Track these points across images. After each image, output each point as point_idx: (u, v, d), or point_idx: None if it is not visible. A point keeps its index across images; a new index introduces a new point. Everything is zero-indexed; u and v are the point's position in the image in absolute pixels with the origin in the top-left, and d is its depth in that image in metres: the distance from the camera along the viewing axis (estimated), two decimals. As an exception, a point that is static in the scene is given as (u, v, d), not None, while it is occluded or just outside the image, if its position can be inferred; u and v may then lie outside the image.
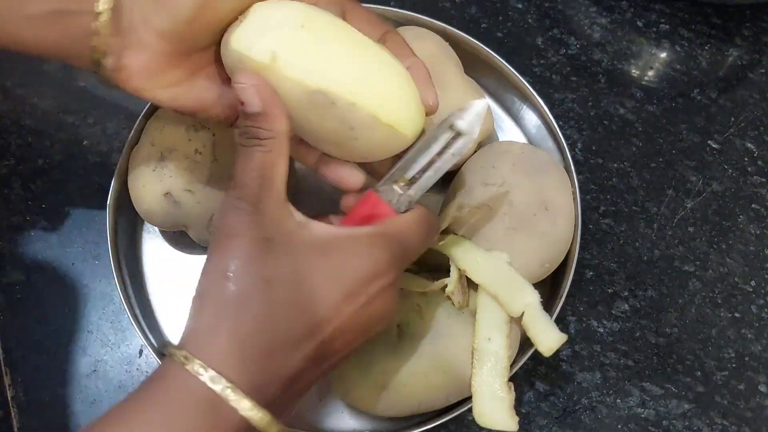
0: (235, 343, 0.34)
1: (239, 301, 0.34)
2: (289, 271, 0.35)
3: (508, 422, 0.45)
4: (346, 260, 0.36)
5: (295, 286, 0.35)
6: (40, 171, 0.57)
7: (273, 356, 0.34)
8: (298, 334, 0.35)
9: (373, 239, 0.38)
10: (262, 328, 0.34)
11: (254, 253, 0.35)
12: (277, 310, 0.34)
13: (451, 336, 0.46)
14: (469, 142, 0.41)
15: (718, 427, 0.52)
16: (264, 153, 0.36)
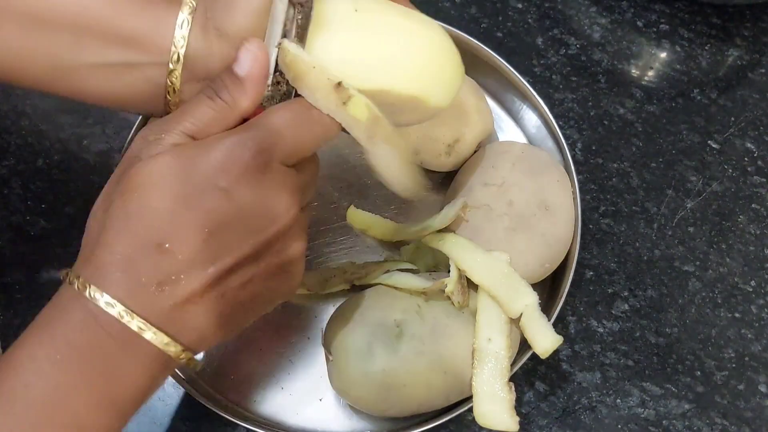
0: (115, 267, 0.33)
1: (103, 219, 0.34)
2: (138, 180, 0.34)
3: (509, 422, 0.45)
4: (202, 153, 0.34)
5: (153, 192, 0.34)
6: (40, 171, 0.57)
7: (136, 260, 0.33)
8: (154, 238, 0.33)
9: (232, 130, 0.36)
10: (120, 239, 0.33)
11: (117, 173, 0.36)
12: (132, 219, 0.34)
13: (451, 336, 0.46)
14: (309, 12, 0.37)
15: (718, 427, 0.52)
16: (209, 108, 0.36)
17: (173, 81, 0.37)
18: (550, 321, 0.49)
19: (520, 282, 0.48)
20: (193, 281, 0.34)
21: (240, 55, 0.36)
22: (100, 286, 0.33)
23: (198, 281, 0.34)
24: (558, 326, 0.53)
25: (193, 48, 0.37)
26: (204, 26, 0.37)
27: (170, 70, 0.37)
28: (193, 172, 0.34)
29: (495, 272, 0.48)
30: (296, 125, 0.37)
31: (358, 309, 0.47)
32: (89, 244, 0.35)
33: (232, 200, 0.34)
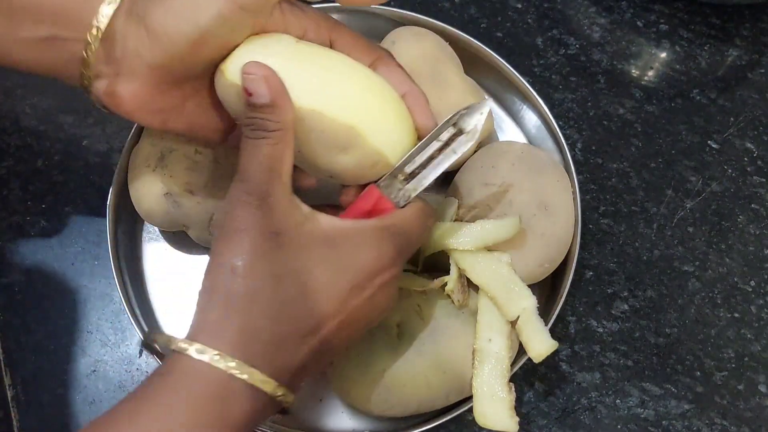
0: (245, 335, 0.34)
1: (249, 296, 0.34)
2: (298, 265, 0.35)
3: (508, 423, 0.45)
4: (354, 253, 0.37)
5: (304, 280, 0.35)
6: (39, 171, 0.57)
7: (282, 349, 0.35)
8: (306, 327, 0.35)
9: (378, 232, 0.38)
10: (271, 322, 0.34)
11: (263, 248, 0.35)
12: (287, 305, 0.35)
13: (451, 336, 0.47)
14: (471, 140, 0.42)
15: (718, 427, 0.52)
16: (272, 145, 0.36)
17: (89, 54, 0.38)
18: (549, 321, 0.49)
19: (519, 284, 0.48)
20: (322, 363, 0.38)
21: (250, 87, 0.36)
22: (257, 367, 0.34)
23: (324, 362, 0.39)
24: (558, 326, 0.54)
25: (114, 27, 0.38)
26: (129, 9, 0.38)
27: (87, 43, 0.38)
28: (355, 272, 0.37)
29: (495, 273, 0.48)
30: (424, 231, 0.42)
31: (358, 309, 0.47)
32: (218, 315, 0.35)
33: (374, 300, 0.38)
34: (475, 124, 0.41)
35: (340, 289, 0.36)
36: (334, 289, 0.36)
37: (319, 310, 0.36)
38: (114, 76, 0.39)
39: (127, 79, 0.39)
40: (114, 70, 0.39)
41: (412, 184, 0.42)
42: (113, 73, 0.39)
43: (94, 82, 0.39)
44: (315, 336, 0.36)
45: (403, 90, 0.42)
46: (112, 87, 0.39)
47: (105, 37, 0.38)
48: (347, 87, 0.39)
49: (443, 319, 0.47)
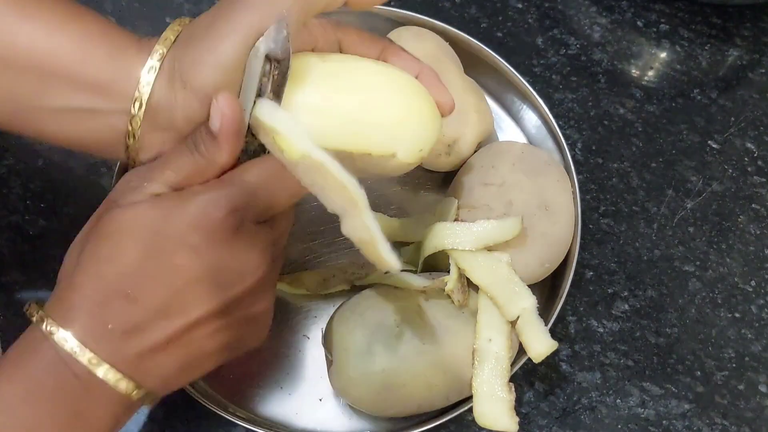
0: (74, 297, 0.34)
1: (77, 261, 0.35)
2: (113, 227, 0.35)
3: (508, 423, 0.45)
4: (168, 210, 0.35)
5: (117, 238, 0.35)
6: (39, 171, 0.57)
7: (105, 306, 0.34)
8: (124, 286, 0.34)
9: (200, 188, 0.36)
10: (91, 283, 0.34)
11: (96, 215, 0.36)
12: (103, 264, 0.34)
13: (451, 336, 0.46)
14: (286, 68, 0.37)
15: (718, 427, 0.52)
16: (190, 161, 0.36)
17: (134, 126, 0.37)
18: (549, 321, 0.49)
19: (519, 284, 0.48)
20: (157, 332, 0.34)
21: (211, 112, 0.35)
22: (68, 329, 0.34)
23: (163, 332, 0.34)
24: (558, 326, 0.54)
25: (157, 96, 0.36)
26: (171, 76, 0.36)
27: (132, 116, 0.36)
28: (167, 226, 0.34)
29: (495, 273, 0.48)
30: (270, 183, 0.37)
31: (358, 309, 0.47)
32: (62, 281, 0.36)
33: (202, 258, 0.35)
34: (282, 46, 0.36)
35: (160, 249, 0.34)
36: (154, 250, 0.34)
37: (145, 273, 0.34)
38: (163, 143, 0.38)
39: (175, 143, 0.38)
40: (161, 138, 0.37)
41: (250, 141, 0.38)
42: (162, 141, 0.37)
43: (140, 154, 0.38)
44: (135, 300, 0.34)
45: (415, 71, 0.42)
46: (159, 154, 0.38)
47: (148, 107, 0.36)
48: (378, 117, 0.39)
49: (443, 319, 0.47)
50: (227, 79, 0.36)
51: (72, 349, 0.33)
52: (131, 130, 0.37)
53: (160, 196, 0.36)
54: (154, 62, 0.36)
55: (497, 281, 0.48)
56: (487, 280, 0.48)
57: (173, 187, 0.36)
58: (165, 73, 0.36)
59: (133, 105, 0.36)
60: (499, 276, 0.48)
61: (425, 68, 0.42)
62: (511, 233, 0.48)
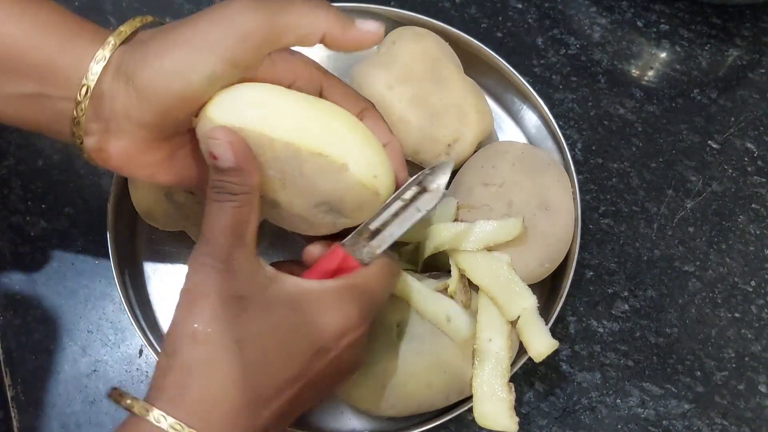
0: (205, 403, 0.33)
1: (209, 362, 0.34)
2: (261, 329, 0.35)
3: (508, 423, 0.45)
4: (317, 315, 0.36)
5: (265, 344, 0.35)
6: (40, 171, 0.57)
7: (242, 416, 0.34)
8: (268, 393, 0.35)
9: (342, 293, 0.38)
10: (232, 390, 0.34)
11: (224, 313, 0.35)
12: (248, 371, 0.34)
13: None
14: (435, 199, 0.41)
15: (718, 427, 0.52)
16: (236, 208, 0.36)
17: (79, 113, 0.37)
18: (549, 321, 0.49)
19: (519, 284, 0.48)
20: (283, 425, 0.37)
21: (216, 152, 0.36)
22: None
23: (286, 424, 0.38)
24: (558, 326, 0.54)
25: (102, 86, 0.37)
26: (117, 69, 0.37)
27: (77, 102, 0.37)
28: (311, 332, 0.36)
29: (495, 273, 0.48)
30: (392, 289, 0.42)
31: (358, 309, 0.47)
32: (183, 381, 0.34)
33: (339, 361, 0.38)
34: (439, 184, 0.41)
35: (303, 353, 0.36)
36: (296, 352, 0.36)
37: (281, 375, 0.35)
38: (103, 133, 0.38)
39: (116, 136, 0.38)
40: (103, 127, 0.38)
41: (377, 241, 0.41)
42: (102, 130, 0.38)
43: (82, 143, 0.39)
44: (277, 401, 0.35)
45: (385, 140, 0.42)
46: (100, 144, 0.39)
47: (93, 95, 0.37)
48: (335, 124, 0.39)
49: (443, 319, 0.47)
50: (168, 85, 0.36)
51: None
52: (76, 116, 0.38)
53: (295, 296, 0.37)
54: (105, 53, 0.37)
55: (497, 281, 0.47)
56: (488, 280, 0.48)
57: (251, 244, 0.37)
58: (113, 65, 0.37)
59: (79, 92, 0.37)
60: (499, 276, 0.48)
61: (395, 141, 0.43)
62: (512, 234, 0.48)
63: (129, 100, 0.37)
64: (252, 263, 0.37)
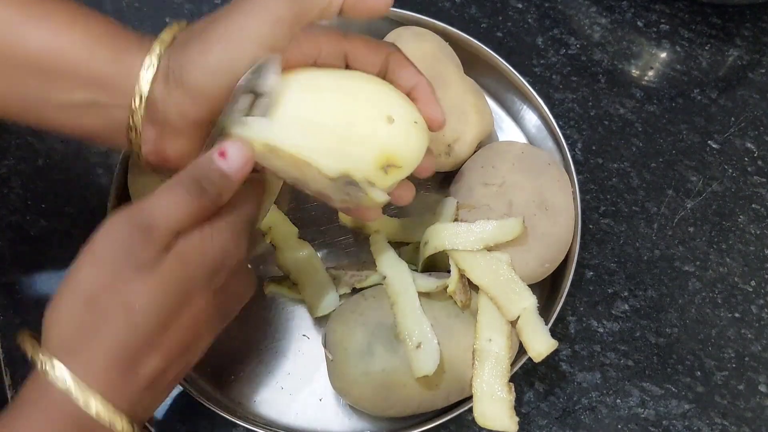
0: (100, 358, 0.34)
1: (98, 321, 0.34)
2: (144, 291, 0.34)
3: (508, 423, 0.45)
4: (195, 263, 0.36)
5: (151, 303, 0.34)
6: (40, 171, 0.57)
7: (135, 367, 0.34)
8: (154, 342, 0.34)
9: (215, 233, 0.37)
10: (122, 348, 0.34)
11: (105, 270, 0.35)
12: (136, 330, 0.34)
13: (452, 336, 0.46)
14: (271, 103, 0.38)
15: (718, 427, 0.52)
16: (195, 201, 0.36)
17: (135, 121, 0.39)
18: (549, 321, 0.49)
19: (519, 284, 0.48)
20: (174, 371, 0.36)
21: (230, 153, 0.37)
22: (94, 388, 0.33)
23: (179, 369, 0.37)
24: (558, 326, 0.54)
25: (154, 93, 0.38)
26: (166, 75, 0.38)
27: (132, 111, 0.39)
28: (194, 279, 0.35)
29: (495, 273, 0.48)
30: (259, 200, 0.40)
31: (358, 309, 0.47)
32: (75, 338, 0.34)
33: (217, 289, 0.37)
34: (272, 85, 0.38)
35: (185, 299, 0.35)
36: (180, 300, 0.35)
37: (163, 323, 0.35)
38: (159, 137, 0.40)
39: (173, 138, 0.39)
40: (158, 132, 0.39)
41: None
42: (157, 135, 0.39)
43: (142, 147, 0.40)
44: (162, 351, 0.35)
45: (412, 82, 0.42)
46: (158, 148, 0.40)
47: (147, 103, 0.38)
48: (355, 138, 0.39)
49: (444, 319, 0.47)
50: (217, 80, 0.37)
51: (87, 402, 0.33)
52: (133, 124, 0.39)
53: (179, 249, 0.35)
54: (153, 60, 0.38)
55: (497, 281, 0.48)
56: (488, 280, 0.48)
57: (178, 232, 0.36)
58: (161, 72, 0.38)
59: (133, 100, 0.38)
60: (499, 276, 0.48)
61: (423, 81, 0.42)
62: (512, 234, 0.48)
63: (183, 101, 0.38)
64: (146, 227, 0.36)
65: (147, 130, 0.39)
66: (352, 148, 0.39)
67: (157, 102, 0.38)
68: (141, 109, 0.38)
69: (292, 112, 0.38)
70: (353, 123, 0.39)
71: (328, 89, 0.39)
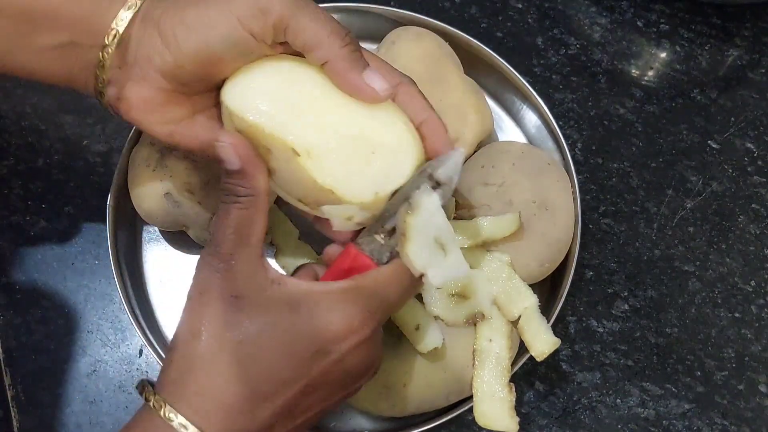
0: (200, 396, 0.34)
1: (205, 359, 0.35)
2: (258, 329, 0.35)
3: (508, 423, 0.45)
4: (318, 316, 0.36)
5: (262, 343, 0.35)
6: (40, 171, 0.57)
7: (239, 409, 0.35)
8: (266, 389, 0.35)
9: (346, 294, 0.37)
10: (227, 383, 0.35)
11: (224, 312, 0.35)
12: (244, 368, 0.35)
13: (452, 336, 0.46)
14: (449, 193, 0.39)
15: (718, 427, 0.52)
16: (240, 210, 0.37)
17: (104, 57, 0.39)
18: (550, 321, 0.49)
19: (520, 284, 0.48)
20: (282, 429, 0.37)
21: (223, 156, 0.37)
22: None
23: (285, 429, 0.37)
24: (558, 326, 0.54)
25: (130, 32, 0.39)
26: (145, 16, 0.39)
27: (104, 46, 0.39)
28: (313, 336, 0.36)
29: (495, 273, 0.48)
30: (402, 291, 0.39)
31: (358, 309, 0.47)
32: (187, 377, 0.35)
33: (344, 365, 0.37)
34: (450, 175, 0.38)
35: (301, 353, 0.36)
36: (294, 352, 0.35)
37: (279, 373, 0.35)
38: (125, 80, 0.39)
39: (138, 84, 0.39)
40: (126, 74, 0.39)
41: (394, 239, 0.39)
42: (125, 77, 0.39)
43: (107, 87, 0.40)
44: (275, 400, 0.35)
45: (422, 117, 0.40)
46: (122, 91, 0.40)
47: (121, 41, 0.39)
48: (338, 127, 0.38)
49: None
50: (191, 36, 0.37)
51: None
52: (101, 59, 0.39)
53: (296, 299, 0.36)
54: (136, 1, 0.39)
55: (497, 281, 0.48)
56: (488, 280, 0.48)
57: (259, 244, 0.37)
58: (141, 13, 0.39)
59: (107, 36, 0.39)
60: (499, 276, 0.48)
61: (433, 117, 0.41)
62: (509, 229, 0.48)
63: (153, 44, 0.38)
64: (253, 264, 0.37)
65: (115, 71, 0.39)
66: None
67: (131, 42, 0.39)
68: (113, 44, 0.38)
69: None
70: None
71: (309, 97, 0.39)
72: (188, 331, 0.36)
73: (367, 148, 0.38)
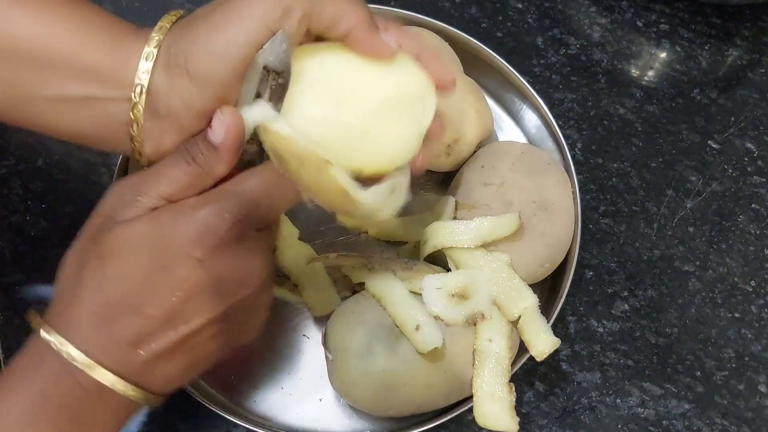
0: (70, 311, 0.35)
1: (71, 279, 0.36)
2: (122, 245, 0.35)
3: (508, 423, 0.45)
4: (177, 223, 0.35)
5: (127, 257, 0.35)
6: (39, 171, 0.57)
7: (110, 321, 0.35)
8: (132, 301, 0.35)
9: (205, 198, 0.36)
10: (94, 295, 0.35)
11: (91, 230, 0.36)
12: (110, 281, 0.35)
13: (451, 336, 0.46)
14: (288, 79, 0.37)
15: (718, 427, 0.52)
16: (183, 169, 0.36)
17: (136, 114, 0.37)
18: (550, 321, 0.49)
19: (520, 284, 0.48)
20: (162, 341, 0.35)
21: (214, 124, 0.36)
22: (75, 343, 0.34)
23: (167, 341, 0.35)
24: (558, 326, 0.54)
25: (155, 83, 0.36)
26: (167, 63, 0.36)
27: (133, 104, 0.37)
28: (170, 241, 0.35)
29: (495, 273, 0.48)
30: (270, 191, 0.37)
31: (358, 309, 0.47)
32: (63, 297, 0.36)
33: (207, 270, 0.35)
34: (282, 59, 0.36)
35: (163, 261, 0.35)
36: (156, 262, 0.35)
37: (142, 284, 0.35)
38: (161, 133, 0.38)
39: (175, 132, 0.37)
40: (159, 127, 0.37)
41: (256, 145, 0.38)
42: (159, 131, 0.37)
43: (144, 146, 0.38)
44: (145, 309, 0.35)
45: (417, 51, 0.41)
46: (161, 143, 0.38)
47: (148, 92, 0.36)
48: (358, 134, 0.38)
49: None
50: (225, 65, 0.36)
51: (79, 361, 0.34)
52: (134, 117, 0.37)
53: (158, 210, 0.36)
54: (151, 49, 0.36)
55: (497, 282, 0.48)
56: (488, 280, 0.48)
57: (168, 200, 0.36)
58: (162, 60, 0.36)
59: (134, 92, 0.36)
60: (499, 276, 0.48)
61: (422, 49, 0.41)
62: (509, 229, 0.48)
63: (188, 90, 0.36)
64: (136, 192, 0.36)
65: (149, 125, 0.37)
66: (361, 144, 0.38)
67: (159, 93, 0.36)
68: (142, 100, 0.36)
69: (301, 109, 0.37)
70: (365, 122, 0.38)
71: (336, 80, 0.38)
72: (73, 253, 0.37)
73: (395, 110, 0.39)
